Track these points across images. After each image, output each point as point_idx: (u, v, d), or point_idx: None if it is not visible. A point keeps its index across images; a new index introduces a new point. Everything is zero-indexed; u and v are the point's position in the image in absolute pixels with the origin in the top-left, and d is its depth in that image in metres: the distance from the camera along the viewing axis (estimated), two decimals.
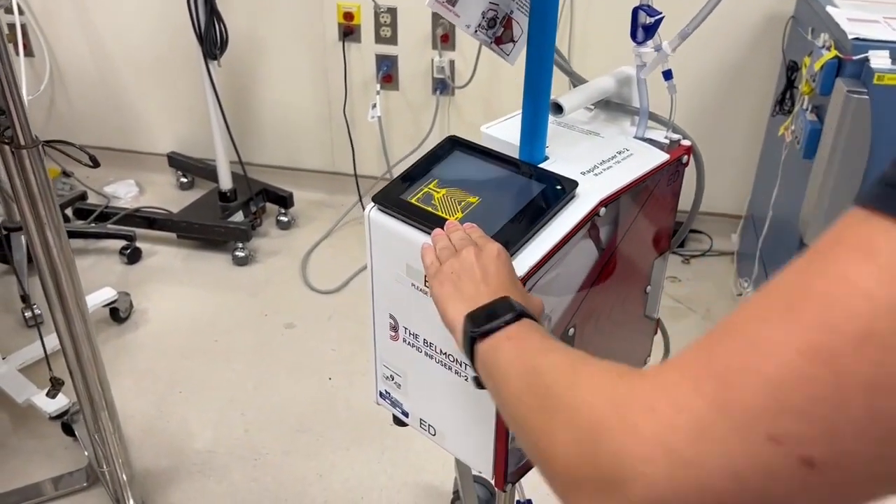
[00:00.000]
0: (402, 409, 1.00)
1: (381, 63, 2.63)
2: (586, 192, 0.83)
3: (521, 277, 0.76)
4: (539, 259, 0.78)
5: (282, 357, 2.17)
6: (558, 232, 0.80)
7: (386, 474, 1.80)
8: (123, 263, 2.54)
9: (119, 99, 2.99)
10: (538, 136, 0.88)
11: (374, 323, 0.96)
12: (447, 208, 0.83)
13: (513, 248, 0.77)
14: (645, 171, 0.88)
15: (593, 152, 0.90)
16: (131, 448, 1.86)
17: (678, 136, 0.94)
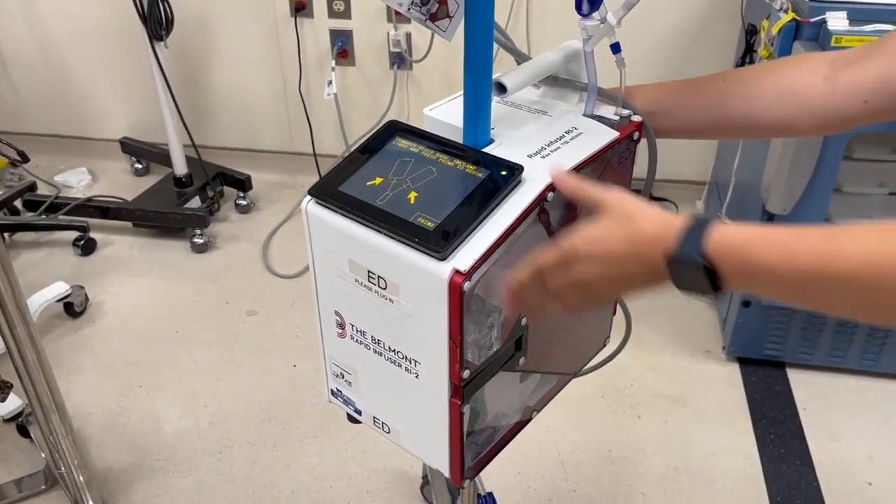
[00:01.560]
0: (354, 408, 0.96)
1: (336, 38, 2.55)
2: (533, 176, 0.79)
3: (468, 270, 0.72)
4: (487, 249, 0.74)
5: (245, 345, 2.12)
6: (505, 220, 0.75)
7: (354, 461, 1.78)
8: (77, 255, 2.47)
9: (66, 84, 2.88)
10: (481, 118, 0.83)
11: (319, 320, 0.92)
12: (391, 201, 0.79)
13: (458, 240, 0.73)
14: (594, 150, 0.84)
15: (541, 133, 0.86)
16: (91, 446, 1.81)
17: (629, 112, 0.89)
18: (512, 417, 0.93)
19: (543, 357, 0.93)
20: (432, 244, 0.72)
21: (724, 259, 0.61)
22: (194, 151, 2.51)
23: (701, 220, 0.64)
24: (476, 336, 0.78)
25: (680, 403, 1.91)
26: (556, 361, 0.98)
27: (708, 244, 0.62)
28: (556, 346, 0.96)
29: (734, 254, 0.61)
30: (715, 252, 0.62)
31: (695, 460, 1.78)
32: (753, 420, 1.88)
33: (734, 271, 0.62)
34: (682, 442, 1.82)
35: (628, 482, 1.72)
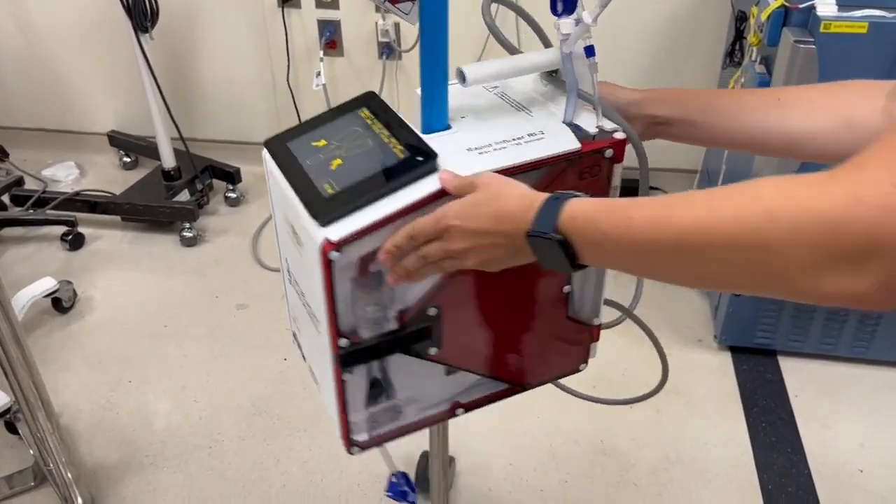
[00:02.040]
0: (301, 354, 1.01)
1: (324, 28, 2.53)
2: (452, 168, 0.77)
3: (338, 241, 0.73)
4: (365, 226, 0.74)
5: (235, 339, 2.11)
6: (398, 204, 0.75)
7: (346, 454, 1.76)
8: (66, 250, 2.45)
9: (53, 77, 2.85)
10: (436, 103, 0.82)
11: (280, 262, 0.97)
12: (315, 163, 0.81)
13: (342, 211, 0.75)
14: (537, 157, 0.78)
15: (503, 129, 0.83)
16: (81, 442, 1.80)
17: (614, 127, 0.82)
18: (429, 406, 0.93)
19: (479, 358, 0.92)
20: (317, 210, 0.75)
21: (575, 232, 0.64)
22: (182, 144, 2.48)
23: (558, 197, 0.67)
24: (363, 310, 0.80)
25: (672, 393, 1.91)
26: (502, 368, 0.95)
27: (561, 219, 0.65)
28: (502, 351, 0.93)
29: (583, 226, 0.64)
30: (567, 226, 0.65)
31: (687, 450, 1.77)
32: (745, 409, 1.88)
33: (585, 243, 0.64)
34: (674, 432, 1.82)
35: (620, 473, 1.72)
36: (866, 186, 0.48)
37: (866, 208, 0.48)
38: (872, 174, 0.49)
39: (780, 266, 0.52)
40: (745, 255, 0.53)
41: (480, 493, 1.68)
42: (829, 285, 0.50)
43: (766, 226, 0.51)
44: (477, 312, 0.88)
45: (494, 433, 1.80)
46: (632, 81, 0.89)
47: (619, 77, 0.90)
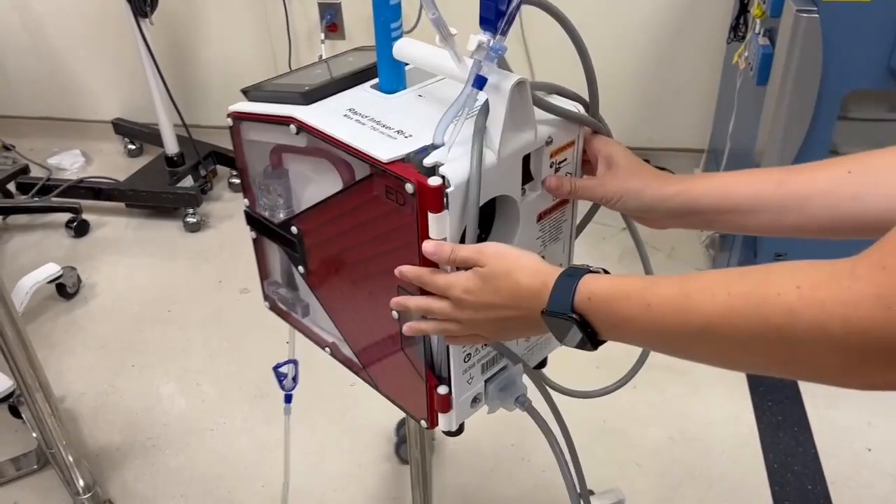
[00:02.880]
0: None
1: (325, 11, 2.51)
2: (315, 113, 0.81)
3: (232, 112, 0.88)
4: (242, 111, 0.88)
5: (238, 323, 2.11)
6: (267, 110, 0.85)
7: (348, 436, 1.77)
8: (71, 237, 2.46)
9: (57, 66, 2.86)
10: (384, 67, 0.84)
11: None
12: None
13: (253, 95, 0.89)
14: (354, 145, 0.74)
15: (400, 116, 0.79)
16: (83, 425, 1.81)
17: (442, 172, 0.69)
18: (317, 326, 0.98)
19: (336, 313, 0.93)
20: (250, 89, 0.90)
21: (592, 312, 0.63)
22: (185, 131, 2.48)
23: (572, 273, 0.65)
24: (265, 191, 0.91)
25: (676, 373, 1.89)
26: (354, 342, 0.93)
27: (577, 298, 0.63)
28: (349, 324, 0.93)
29: (599, 307, 0.62)
30: (584, 306, 0.63)
31: (691, 429, 1.75)
32: (751, 387, 1.86)
33: (604, 324, 0.63)
34: (678, 411, 1.80)
35: (623, 452, 1.70)
36: (892, 290, 0.46)
37: None
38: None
39: (808, 363, 0.51)
40: (772, 349, 0.52)
41: (479, 470, 1.67)
42: (862, 380, 0.49)
43: (789, 326, 0.50)
44: (328, 265, 0.89)
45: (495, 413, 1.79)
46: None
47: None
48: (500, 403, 0.90)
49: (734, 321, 0.53)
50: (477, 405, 0.88)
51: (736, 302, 0.53)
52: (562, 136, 0.79)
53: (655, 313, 0.58)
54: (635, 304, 0.60)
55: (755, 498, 1.60)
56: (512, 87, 0.69)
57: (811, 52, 1.53)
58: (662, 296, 0.58)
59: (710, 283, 0.56)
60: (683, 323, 0.57)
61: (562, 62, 0.82)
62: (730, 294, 0.54)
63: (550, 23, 0.77)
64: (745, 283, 0.54)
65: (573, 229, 0.89)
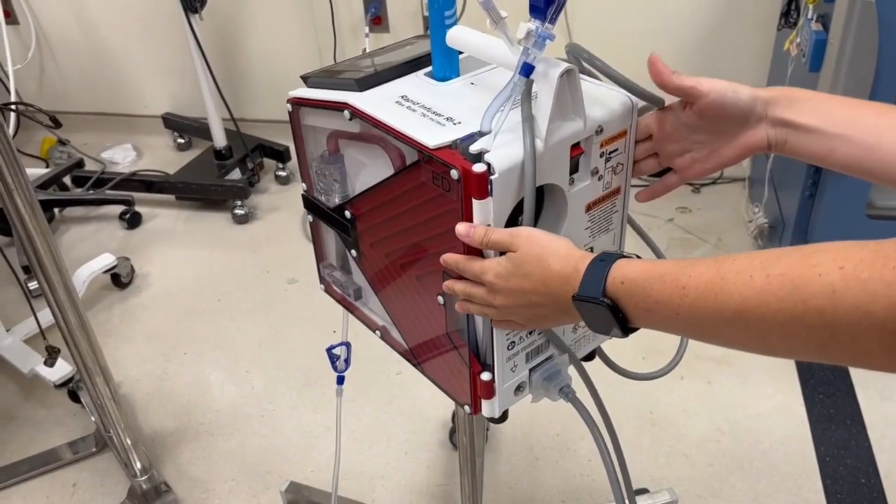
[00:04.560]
0: None
1: (369, 4, 2.53)
2: (369, 99, 0.83)
3: (292, 98, 0.90)
4: (300, 97, 0.89)
5: (285, 313, 2.15)
6: (323, 96, 0.87)
7: (394, 423, 1.79)
8: (124, 229, 2.53)
9: (109, 62, 2.93)
10: (439, 54, 0.85)
11: None
12: None
13: (313, 82, 0.90)
14: (404, 131, 0.76)
15: (453, 103, 0.80)
16: (139, 411, 1.86)
17: (488, 159, 0.69)
18: (369, 309, 1.01)
19: (390, 302, 0.94)
20: (307, 76, 0.92)
21: (624, 297, 0.62)
22: (233, 124, 2.53)
23: (604, 258, 0.64)
24: (321, 176, 0.93)
25: (724, 364, 1.87)
26: (404, 330, 0.95)
27: (609, 282, 0.63)
28: (401, 314, 0.94)
29: (632, 291, 0.61)
30: (615, 291, 0.62)
31: (739, 421, 1.73)
32: (801, 380, 1.83)
33: (636, 309, 0.62)
34: (726, 403, 1.78)
35: (670, 443, 1.69)
36: None
37: None
38: None
39: (848, 346, 0.49)
40: (812, 333, 0.51)
41: (524, 460, 1.67)
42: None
43: (831, 308, 0.48)
44: (379, 250, 0.90)
45: (540, 403, 1.79)
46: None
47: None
48: (544, 393, 0.90)
49: (772, 304, 0.52)
50: (521, 393, 0.89)
51: (774, 284, 0.52)
52: (614, 125, 0.78)
53: (690, 296, 0.57)
54: (669, 286, 0.59)
55: (807, 491, 1.58)
56: (560, 75, 0.69)
57: (867, 37, 1.50)
58: (697, 278, 0.57)
59: (748, 265, 0.54)
60: (718, 306, 0.55)
61: (605, 52, 0.81)
62: (768, 276, 0.52)
63: (594, 13, 0.77)
64: (783, 264, 0.52)
65: (624, 221, 0.88)
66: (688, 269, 0.59)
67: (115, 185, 2.57)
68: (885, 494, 1.56)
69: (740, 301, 0.54)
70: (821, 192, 1.79)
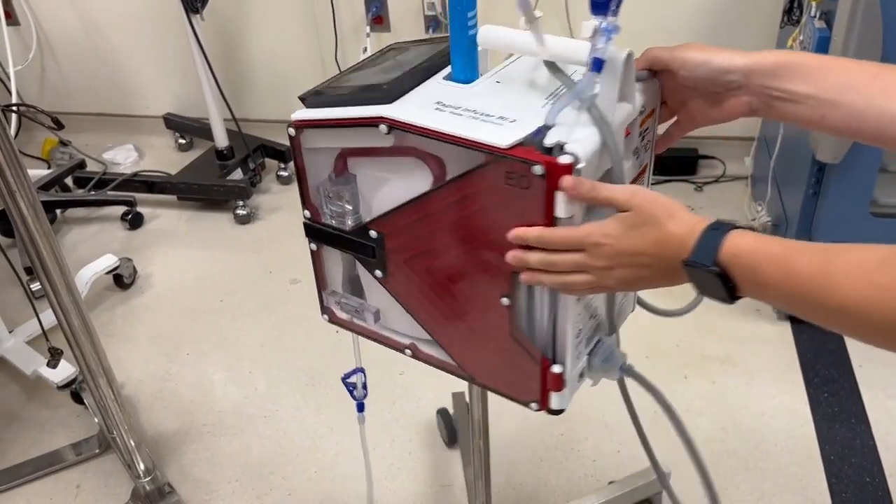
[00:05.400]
0: None
1: (370, 4, 2.53)
2: (401, 109, 0.78)
3: (295, 121, 0.85)
4: (310, 118, 0.83)
5: (288, 313, 2.14)
6: (341, 114, 0.81)
7: (397, 424, 1.78)
8: (126, 229, 2.52)
9: (110, 63, 2.93)
10: (459, 56, 0.83)
11: None
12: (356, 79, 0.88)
13: (315, 101, 0.84)
14: (465, 136, 0.73)
15: (495, 103, 0.79)
16: (142, 412, 1.86)
17: (570, 150, 0.69)
18: (389, 330, 0.96)
19: (422, 314, 0.90)
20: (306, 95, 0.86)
21: (735, 269, 0.64)
22: (235, 125, 2.52)
23: (718, 227, 0.65)
24: (330, 198, 0.88)
25: (728, 364, 1.86)
26: (447, 341, 0.91)
27: (722, 252, 0.64)
28: (445, 324, 0.89)
29: (743, 264, 0.63)
30: (727, 261, 0.64)
31: (744, 421, 1.73)
32: (806, 379, 1.82)
33: (745, 282, 0.64)
34: (731, 402, 1.77)
35: (674, 443, 1.68)
36: None
37: None
38: None
39: None
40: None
41: (529, 460, 1.67)
42: None
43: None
44: (417, 265, 0.86)
45: None
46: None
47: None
48: (604, 374, 0.90)
49: (873, 313, 0.55)
50: (582, 380, 0.90)
51: (876, 294, 0.55)
52: (648, 104, 0.81)
53: (794, 283, 0.60)
54: (775, 269, 0.61)
55: (812, 490, 1.57)
56: (624, 60, 0.72)
57: (870, 34, 1.49)
58: (804, 267, 0.60)
59: (853, 266, 0.57)
60: (822, 299, 0.58)
61: None
62: (870, 283, 0.55)
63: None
64: (885, 273, 0.55)
65: None
66: (796, 254, 0.61)
67: (117, 186, 2.57)
68: (890, 493, 1.55)
69: (842, 301, 0.57)
70: (824, 191, 1.78)
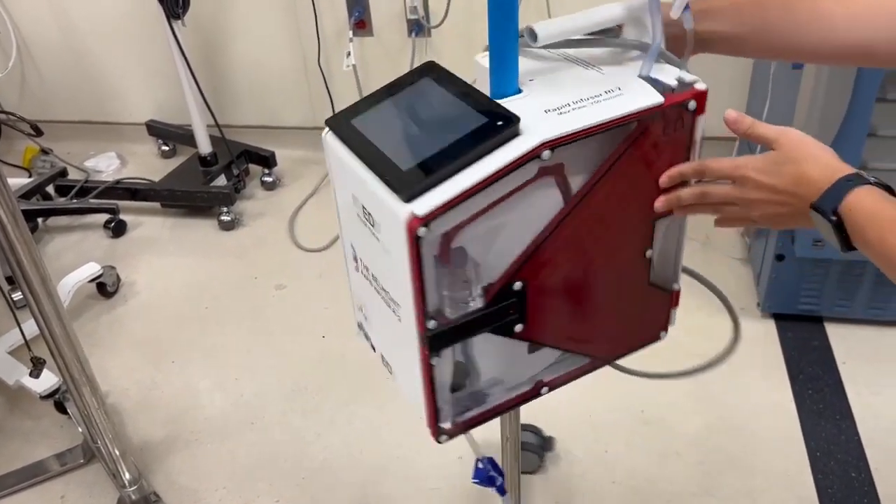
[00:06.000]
0: (371, 344, 0.97)
1: (353, 8, 2.53)
2: (536, 130, 0.73)
3: (425, 215, 0.68)
4: (452, 197, 0.69)
5: (274, 318, 2.13)
6: (483, 170, 0.70)
7: (386, 428, 1.78)
8: (109, 237, 2.50)
9: (91, 70, 2.91)
10: (505, 66, 0.77)
11: (343, 250, 0.93)
12: (387, 137, 0.78)
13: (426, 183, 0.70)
14: (621, 113, 0.74)
15: (577, 89, 0.78)
16: (127, 421, 1.85)
17: (693, 78, 0.78)
18: (513, 387, 0.89)
19: (564, 333, 0.88)
20: (398, 184, 0.71)
21: (849, 224, 0.68)
22: (218, 131, 2.51)
23: (851, 178, 0.69)
24: (451, 289, 0.76)
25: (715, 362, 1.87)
26: (586, 342, 0.91)
27: (843, 204, 0.68)
28: (585, 324, 0.90)
29: (854, 221, 0.68)
30: (844, 213, 0.68)
31: (731, 418, 1.74)
32: (791, 376, 1.83)
33: (855, 238, 0.69)
34: (718, 401, 1.78)
35: (662, 441, 1.69)
36: None
37: None
38: None
39: None
40: None
41: None
42: None
43: None
44: (562, 284, 0.84)
45: (532, 405, 1.79)
46: None
47: None
48: None
49: None
50: None
51: None
52: None
53: (888, 250, 0.65)
54: (876, 233, 0.66)
55: (798, 486, 1.58)
56: None
57: None
58: None
59: None
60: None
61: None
62: None
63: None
64: None
65: None
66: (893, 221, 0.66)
67: (100, 194, 2.55)
68: (876, 488, 1.57)
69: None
70: None
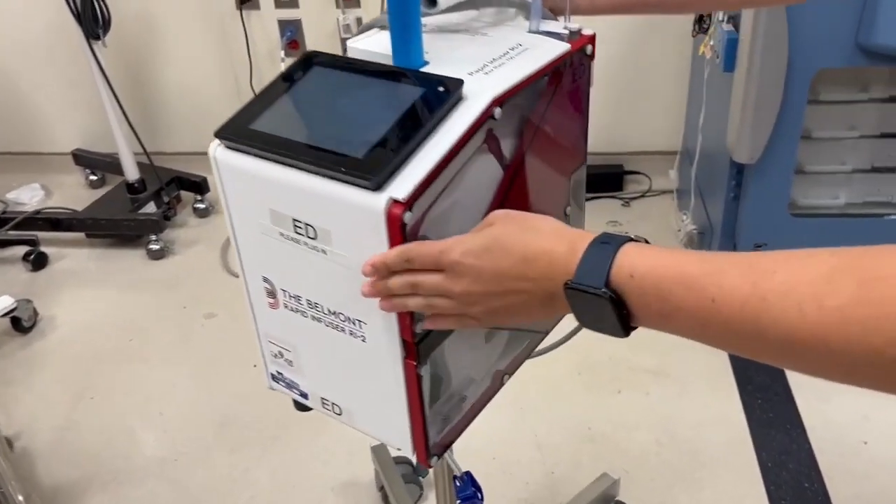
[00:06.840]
0: (299, 391, 0.85)
1: (285, 28, 2.46)
2: (475, 92, 0.67)
3: (407, 198, 0.60)
4: (427, 174, 0.61)
5: (202, 349, 2.02)
6: (446, 141, 0.63)
7: (319, 460, 1.67)
8: (28, 270, 2.36)
9: (11, 97, 2.78)
10: (411, 35, 0.71)
11: (247, 291, 0.81)
12: (308, 131, 0.68)
13: (392, 165, 0.61)
14: (543, 62, 0.72)
15: (481, 51, 0.74)
16: (39, 462, 1.70)
17: (579, 26, 0.78)
18: (481, 383, 0.82)
19: None
20: (363, 172, 0.61)
21: (633, 294, 0.51)
22: (146, 157, 2.41)
23: (608, 241, 0.53)
24: None
25: (661, 375, 1.81)
26: None
27: (614, 272, 0.51)
28: None
29: (643, 288, 0.51)
30: (622, 283, 0.51)
31: (679, 432, 1.67)
32: (739, 386, 1.78)
33: (646, 309, 0.51)
34: (665, 414, 1.72)
35: (610, 460, 1.62)
36: None
37: None
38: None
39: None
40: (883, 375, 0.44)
41: None
42: None
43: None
44: None
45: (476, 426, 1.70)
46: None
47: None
48: None
49: (831, 344, 0.43)
50: None
51: (831, 320, 0.42)
52: None
53: (723, 312, 0.47)
54: (695, 294, 0.48)
55: (750, 499, 1.52)
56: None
57: (776, 31, 1.49)
58: (731, 293, 0.47)
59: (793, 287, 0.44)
60: (760, 331, 0.46)
61: None
62: (821, 308, 0.43)
63: None
64: (836, 292, 0.43)
65: None
66: (714, 275, 0.48)
67: (18, 225, 2.41)
68: (829, 496, 1.51)
69: (788, 332, 0.44)
70: (744, 193, 1.77)
